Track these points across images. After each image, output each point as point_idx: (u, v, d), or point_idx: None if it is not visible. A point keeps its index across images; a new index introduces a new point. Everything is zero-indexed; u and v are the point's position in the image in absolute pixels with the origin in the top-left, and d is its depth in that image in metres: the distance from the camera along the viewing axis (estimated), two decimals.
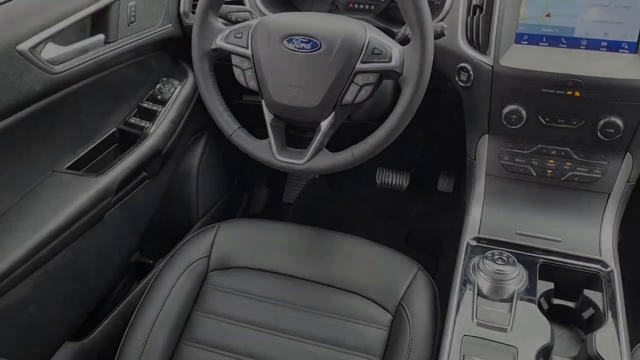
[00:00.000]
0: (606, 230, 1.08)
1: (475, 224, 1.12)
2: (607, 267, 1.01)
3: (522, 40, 1.05)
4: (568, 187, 1.11)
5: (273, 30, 0.97)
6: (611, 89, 0.98)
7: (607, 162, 1.07)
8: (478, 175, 1.17)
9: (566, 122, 1.05)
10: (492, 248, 1.04)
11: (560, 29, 1.03)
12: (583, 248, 1.05)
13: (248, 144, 1.05)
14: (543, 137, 1.09)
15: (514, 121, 1.06)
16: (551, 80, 1.01)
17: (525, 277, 0.98)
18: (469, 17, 1.08)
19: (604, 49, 1.01)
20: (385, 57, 0.93)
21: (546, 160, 1.11)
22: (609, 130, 1.01)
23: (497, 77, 1.05)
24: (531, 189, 1.14)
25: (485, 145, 1.15)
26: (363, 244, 1.20)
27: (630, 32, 0.99)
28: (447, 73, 1.13)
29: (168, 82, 1.35)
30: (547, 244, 1.06)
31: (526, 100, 1.05)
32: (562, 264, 1.02)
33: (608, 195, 1.09)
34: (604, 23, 1.01)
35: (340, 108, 0.98)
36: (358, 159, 0.98)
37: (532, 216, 1.12)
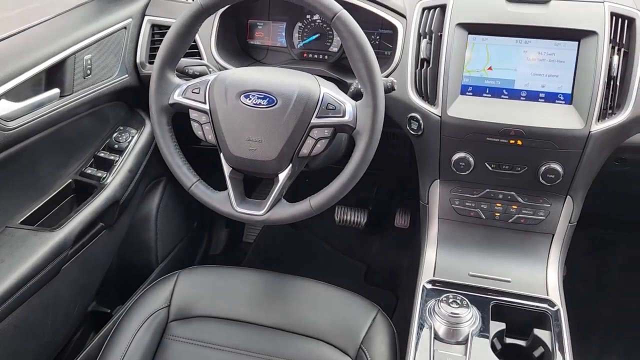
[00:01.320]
0: (552, 269, 1.14)
1: (430, 267, 1.16)
2: (554, 307, 1.06)
3: (467, 91, 1.11)
4: (515, 229, 1.17)
5: (230, 86, 1.00)
6: (550, 137, 1.05)
7: (550, 204, 1.14)
8: (431, 219, 1.22)
9: (511, 168, 1.11)
10: (446, 291, 1.08)
11: (501, 81, 1.10)
12: (531, 288, 1.10)
13: (207, 196, 1.06)
14: (490, 182, 1.15)
15: (462, 168, 1.12)
16: (495, 130, 1.07)
17: (479, 318, 1.02)
18: (417, 70, 1.14)
19: (542, 100, 1.08)
20: (339, 112, 0.97)
21: (494, 204, 1.16)
22: (550, 176, 1.08)
23: (445, 126, 1.10)
24: (482, 232, 1.19)
25: (437, 191, 1.20)
26: (322, 288, 1.22)
27: (565, 85, 1.07)
28: (399, 122, 1.18)
29: (125, 130, 1.35)
30: (498, 285, 1.11)
31: (473, 148, 1.11)
32: (513, 304, 1.07)
33: (552, 236, 1.16)
34: (541, 76, 1.09)
35: (298, 160, 1.01)
36: (316, 210, 1.01)
37: (484, 257, 1.17)
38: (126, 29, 1.29)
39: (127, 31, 1.30)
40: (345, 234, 2.03)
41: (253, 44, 1.39)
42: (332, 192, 1.00)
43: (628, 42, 1.06)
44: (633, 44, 1.05)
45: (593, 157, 1.07)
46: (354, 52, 0.94)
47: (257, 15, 1.37)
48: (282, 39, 1.36)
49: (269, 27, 1.38)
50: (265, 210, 1.03)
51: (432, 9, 1.15)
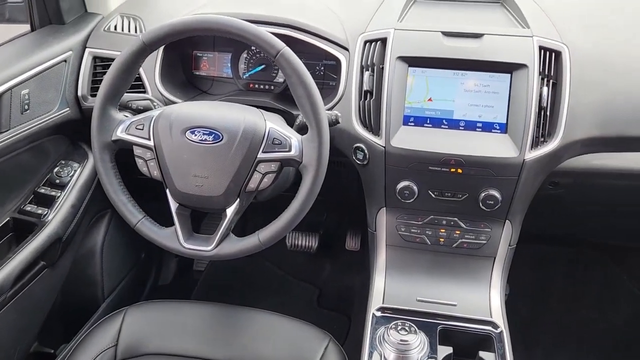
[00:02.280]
0: (494, 291, 1.18)
1: (379, 294, 1.19)
2: (498, 328, 1.10)
3: (409, 122, 1.15)
4: (459, 254, 1.21)
5: (175, 122, 1.00)
6: (487, 166, 1.10)
7: (490, 229, 1.19)
8: (379, 246, 1.24)
9: (452, 195, 1.15)
10: (395, 317, 1.10)
11: (441, 112, 1.15)
12: (476, 310, 1.14)
13: (153, 233, 1.05)
14: (434, 209, 1.18)
15: (407, 196, 1.15)
16: (437, 159, 1.11)
17: (427, 344, 1.04)
18: (361, 101, 1.17)
19: (479, 130, 1.13)
20: (285, 146, 0.98)
21: (438, 230, 1.20)
22: (489, 202, 1.12)
23: (390, 156, 1.13)
24: (428, 257, 1.23)
25: (383, 218, 1.23)
26: (273, 319, 1.22)
27: (500, 115, 1.13)
28: (345, 152, 1.21)
29: (67, 165, 1.32)
30: (444, 309, 1.14)
31: (417, 176, 1.14)
32: (459, 327, 1.11)
33: (494, 259, 1.20)
34: (478, 106, 1.14)
35: (245, 195, 1.01)
36: (264, 244, 1.02)
37: (430, 282, 1.21)
38: (66, 62, 1.27)
39: (67, 64, 1.27)
40: (297, 259, 2.04)
41: (198, 74, 1.39)
42: (280, 225, 1.01)
43: (556, 73, 1.12)
44: (561, 75, 1.12)
45: (528, 183, 1.13)
46: (298, 88, 0.96)
47: (202, 46, 1.37)
48: (227, 69, 1.37)
49: (214, 58, 1.38)
50: (214, 245, 1.02)
51: (374, 42, 1.18)
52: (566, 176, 1.21)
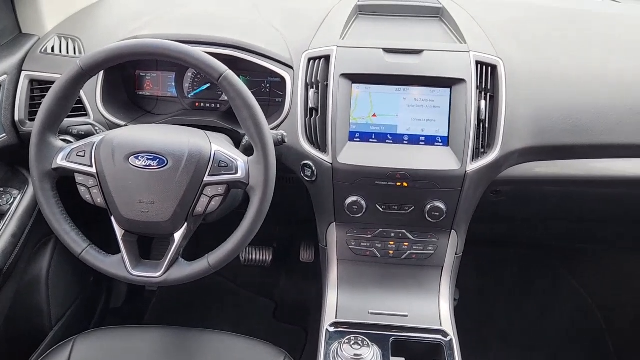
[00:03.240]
0: (443, 300, 1.22)
1: (332, 309, 1.20)
2: (447, 337, 1.13)
3: (355, 138, 1.17)
4: (409, 264, 1.24)
5: (118, 148, 0.98)
6: (431, 178, 1.13)
7: (437, 239, 1.22)
8: (330, 261, 1.26)
9: (399, 208, 1.18)
10: (349, 332, 1.12)
11: (385, 127, 1.17)
12: (426, 320, 1.17)
13: (99, 261, 1.02)
14: (382, 222, 1.21)
15: (355, 210, 1.17)
16: (382, 174, 1.13)
17: (380, 356, 1.07)
18: (307, 119, 1.18)
19: (422, 143, 1.16)
20: (232, 169, 0.98)
21: (387, 242, 1.23)
22: (435, 213, 1.16)
23: (337, 172, 1.15)
24: (378, 269, 1.25)
25: (334, 233, 1.24)
26: (226, 339, 1.21)
27: (441, 128, 1.16)
28: (293, 169, 1.22)
29: (6, 192, 1.27)
30: (396, 320, 1.17)
31: (364, 191, 1.16)
32: (410, 338, 1.13)
33: (441, 268, 1.24)
34: (421, 121, 1.17)
35: (193, 219, 1.01)
36: (214, 267, 1.01)
37: (382, 295, 1.23)
38: (1, 86, 1.22)
39: (2, 88, 1.22)
40: (252, 273, 2.03)
41: (142, 94, 1.36)
42: (229, 248, 1.00)
43: (493, 87, 1.17)
44: (497, 88, 1.16)
45: (471, 194, 1.17)
46: (242, 111, 0.96)
47: (145, 66, 1.35)
48: (172, 89, 1.35)
49: (158, 78, 1.36)
50: (162, 271, 1.01)
51: (317, 60, 1.20)
52: (506, 184, 1.25)
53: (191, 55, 0.94)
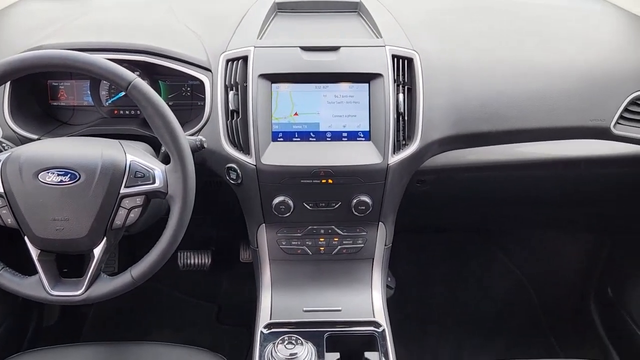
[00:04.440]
0: (375, 291, 1.24)
1: (267, 311, 1.20)
2: (380, 327, 1.15)
3: (278, 138, 1.17)
4: (340, 259, 1.25)
5: (25, 165, 0.94)
6: (355, 173, 1.14)
7: (366, 232, 1.24)
8: (262, 262, 1.25)
9: (327, 205, 1.19)
10: (283, 332, 1.12)
11: (308, 125, 1.18)
12: (359, 313, 1.19)
13: (15, 284, 0.98)
14: (311, 219, 1.21)
15: (283, 210, 1.17)
16: (307, 173, 1.14)
17: (314, 353, 1.07)
18: (229, 121, 1.17)
19: (345, 139, 1.17)
20: (149, 179, 0.96)
21: (317, 239, 1.23)
22: (361, 207, 1.17)
23: (262, 174, 1.14)
24: (311, 267, 1.26)
25: (264, 234, 1.24)
26: (163, 350, 1.19)
27: (362, 123, 1.17)
28: (219, 172, 1.20)
29: None
30: (330, 316, 1.18)
31: (290, 191, 1.16)
32: (345, 332, 1.15)
33: (372, 260, 1.26)
34: (342, 117, 1.17)
35: (112, 232, 0.98)
36: (138, 280, 0.99)
37: (315, 291, 1.24)
38: None
39: None
40: (192, 278, 2.00)
41: (57, 105, 1.31)
42: (152, 260, 0.98)
43: (410, 80, 1.19)
44: (414, 81, 1.18)
45: (395, 186, 1.19)
46: (154, 119, 0.94)
47: (56, 75, 1.29)
48: (87, 97, 1.31)
49: (72, 87, 1.31)
50: (84, 289, 0.98)
51: (235, 61, 1.18)
52: (430, 173, 1.29)
53: (96, 65, 0.91)
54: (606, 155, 1.31)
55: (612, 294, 1.73)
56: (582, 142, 1.29)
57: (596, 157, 1.31)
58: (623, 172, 1.40)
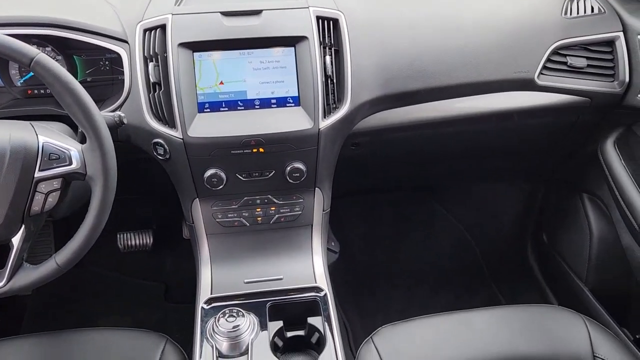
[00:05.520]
0: (317, 257, 1.24)
1: (207, 286, 1.18)
2: (322, 292, 1.16)
3: (205, 108, 1.13)
4: (279, 228, 1.24)
5: None
6: (287, 140, 1.12)
7: (302, 199, 1.23)
8: (200, 237, 1.23)
9: (260, 174, 1.16)
10: (224, 305, 1.11)
11: (234, 94, 1.14)
12: (301, 279, 1.19)
13: None
14: (246, 190, 1.19)
15: (216, 183, 1.14)
16: (237, 143, 1.11)
17: (257, 324, 1.07)
18: (151, 94, 1.12)
19: (274, 106, 1.14)
20: (65, 160, 0.91)
21: (254, 210, 1.22)
22: (295, 174, 1.16)
23: (190, 147, 1.10)
24: (250, 238, 1.24)
25: (198, 209, 1.21)
26: (104, 336, 1.16)
27: (291, 89, 1.14)
28: (145, 149, 1.16)
29: None
30: (272, 285, 1.17)
31: (221, 163, 1.13)
32: (287, 300, 1.14)
33: (311, 226, 1.25)
34: (269, 83, 1.14)
35: (31, 219, 0.92)
36: (64, 266, 0.94)
37: (256, 262, 1.23)
38: None
39: None
40: (135, 259, 1.95)
41: None
42: (77, 245, 0.94)
43: (336, 41, 1.17)
44: (341, 42, 1.16)
45: (328, 150, 1.18)
46: (64, 96, 0.88)
47: None
48: None
49: None
50: (5, 280, 0.93)
51: (153, 30, 1.12)
52: (363, 136, 1.28)
53: None
54: (535, 106, 1.34)
55: (546, 239, 1.81)
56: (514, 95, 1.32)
57: (527, 108, 1.34)
58: (551, 122, 1.44)
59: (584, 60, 1.30)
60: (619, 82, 1.29)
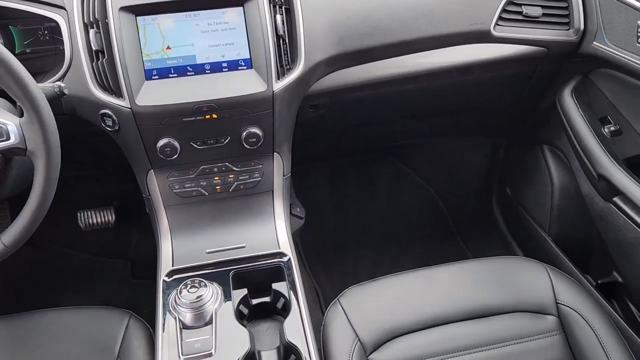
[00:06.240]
0: (279, 222, 1.22)
1: (168, 258, 1.15)
2: (285, 257, 1.14)
3: (153, 76, 1.08)
4: (239, 196, 1.21)
5: None
6: (240, 105, 1.09)
7: (261, 165, 1.20)
8: (157, 210, 1.20)
9: (215, 141, 1.13)
10: (185, 277, 1.09)
11: (183, 59, 1.09)
12: (264, 246, 1.17)
13: None
14: (202, 159, 1.16)
15: (169, 153, 1.10)
16: (188, 110, 1.07)
17: (220, 293, 1.06)
18: (94, 63, 1.06)
19: (226, 70, 1.10)
20: (2, 135, 0.86)
21: (212, 178, 1.18)
22: (252, 140, 1.12)
23: (139, 117, 1.06)
24: (210, 207, 1.21)
25: (154, 180, 1.17)
26: (67, 315, 1.14)
27: (242, 51, 1.10)
28: (93, 121, 1.11)
29: None
30: (234, 254, 1.15)
31: (174, 131, 1.09)
32: (251, 267, 1.13)
33: (272, 192, 1.23)
34: (219, 46, 1.10)
35: None
36: (12, 247, 0.91)
37: (217, 232, 1.20)
38: None
39: None
40: (100, 237, 1.90)
41: None
42: (23, 224, 0.90)
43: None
44: (291, 1, 1.12)
45: (284, 113, 1.15)
46: None
47: None
48: None
49: None
50: None
51: None
52: (321, 97, 1.25)
53: None
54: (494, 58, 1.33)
55: (510, 193, 1.82)
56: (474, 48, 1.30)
57: (486, 60, 1.33)
58: (510, 74, 1.43)
59: (539, 9, 1.28)
60: (574, 29, 1.28)
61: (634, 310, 1.31)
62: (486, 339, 1.09)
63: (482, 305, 1.14)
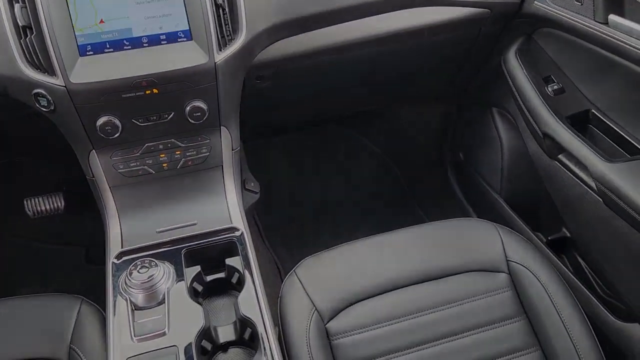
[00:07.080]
0: (230, 197, 1.20)
1: (117, 240, 1.12)
2: (238, 232, 1.13)
3: (87, 51, 1.03)
4: (187, 172, 1.19)
5: None
6: (182, 78, 1.05)
7: (209, 140, 1.17)
8: (103, 191, 1.16)
9: (159, 117, 1.09)
10: (137, 258, 1.06)
11: (119, 32, 1.04)
12: (217, 222, 1.15)
13: None
14: (146, 136, 1.12)
15: (110, 131, 1.06)
16: (127, 85, 1.03)
17: (172, 272, 1.04)
18: (22, 40, 1.01)
19: (164, 43, 1.06)
20: None
21: (158, 156, 1.15)
22: (197, 114, 1.09)
23: (75, 95, 1.01)
24: (158, 186, 1.18)
25: (97, 161, 1.13)
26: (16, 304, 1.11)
27: (181, 22, 1.06)
28: (27, 101, 1.05)
29: None
30: (186, 231, 1.13)
31: (114, 109, 1.05)
32: (202, 244, 1.11)
33: (222, 167, 1.21)
34: (156, 17, 1.05)
35: None
36: None
37: (167, 210, 1.17)
38: None
39: None
40: (51, 224, 1.84)
41: None
42: None
43: None
44: None
45: (229, 86, 1.12)
46: None
47: None
48: None
49: None
50: None
51: None
52: (267, 67, 1.23)
53: None
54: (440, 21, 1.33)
55: (463, 157, 1.85)
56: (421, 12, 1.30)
57: (433, 23, 1.33)
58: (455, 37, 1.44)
59: None
60: None
61: (581, 263, 1.36)
62: (440, 300, 1.11)
63: (436, 267, 1.16)
